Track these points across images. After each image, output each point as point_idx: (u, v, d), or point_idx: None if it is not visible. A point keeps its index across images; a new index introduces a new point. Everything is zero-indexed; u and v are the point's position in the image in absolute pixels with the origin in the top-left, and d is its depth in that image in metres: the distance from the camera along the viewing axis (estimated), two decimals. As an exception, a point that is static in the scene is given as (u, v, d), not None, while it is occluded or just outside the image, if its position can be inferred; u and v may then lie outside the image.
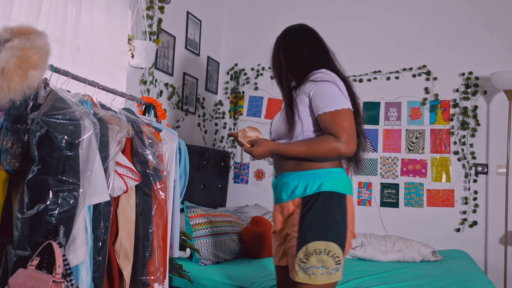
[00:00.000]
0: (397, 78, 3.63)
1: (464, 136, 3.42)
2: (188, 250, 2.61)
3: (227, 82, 4.08)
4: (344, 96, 1.54)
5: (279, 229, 1.64)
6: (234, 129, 4.00)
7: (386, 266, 2.68)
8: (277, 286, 1.77)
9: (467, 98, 3.44)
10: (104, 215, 1.45)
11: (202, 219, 2.68)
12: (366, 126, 3.64)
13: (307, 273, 1.46)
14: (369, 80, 3.69)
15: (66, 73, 1.61)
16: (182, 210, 2.57)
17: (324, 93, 1.52)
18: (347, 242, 1.52)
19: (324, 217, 1.49)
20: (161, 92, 3.15)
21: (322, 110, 1.50)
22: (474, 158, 3.40)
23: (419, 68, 3.58)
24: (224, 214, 2.88)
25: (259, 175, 3.90)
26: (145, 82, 2.94)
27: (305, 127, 1.57)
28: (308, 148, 1.50)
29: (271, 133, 1.76)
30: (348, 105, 1.52)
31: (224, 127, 4.02)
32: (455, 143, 3.45)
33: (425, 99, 3.54)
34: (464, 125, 3.41)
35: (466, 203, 3.39)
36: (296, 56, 1.67)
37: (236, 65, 4.05)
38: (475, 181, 3.38)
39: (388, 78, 3.65)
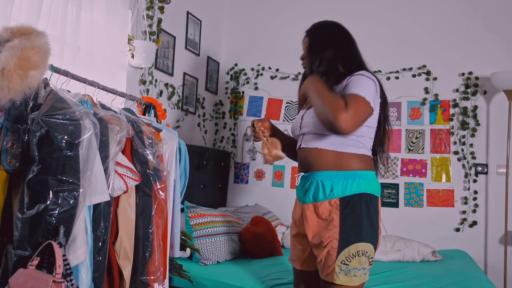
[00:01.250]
0: (397, 78, 3.63)
1: (464, 136, 3.42)
2: (188, 250, 2.62)
3: (227, 82, 4.08)
4: (375, 95, 1.53)
5: (313, 232, 1.56)
6: (234, 129, 4.00)
7: (386, 266, 2.69)
8: None
9: (467, 98, 3.44)
10: (104, 215, 1.45)
11: (202, 219, 2.68)
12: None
13: (348, 275, 1.45)
14: (369, 80, 3.69)
15: (66, 73, 1.61)
16: (182, 210, 2.57)
17: (359, 82, 1.52)
18: (378, 243, 1.55)
19: (365, 219, 1.49)
20: (161, 92, 3.15)
21: (349, 91, 1.49)
22: (474, 158, 3.40)
23: (419, 68, 3.58)
24: (224, 214, 2.88)
25: (259, 175, 3.90)
26: (145, 82, 2.94)
27: None
28: (325, 94, 1.48)
29: (301, 127, 1.68)
30: (372, 103, 1.50)
31: (224, 127, 4.02)
32: (455, 143, 3.45)
33: (425, 99, 3.54)
34: (464, 125, 3.41)
35: (466, 203, 3.39)
36: (352, 53, 1.70)
37: (236, 65, 4.06)
38: (475, 181, 3.38)
39: (388, 78, 3.65)
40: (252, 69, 4.00)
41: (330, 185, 1.53)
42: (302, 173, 1.64)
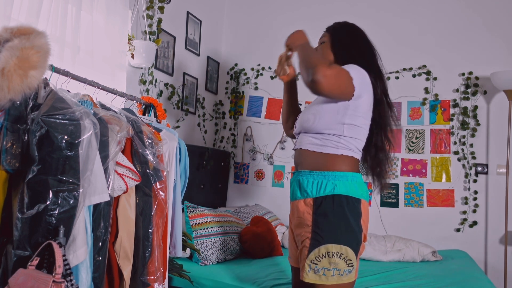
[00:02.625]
0: (397, 78, 3.63)
1: (464, 136, 3.42)
2: (188, 250, 2.62)
3: (227, 82, 4.08)
4: (362, 81, 1.53)
5: (295, 230, 1.60)
6: (234, 129, 4.00)
7: (386, 266, 2.68)
8: (292, 287, 1.75)
9: (467, 98, 3.44)
10: (104, 215, 1.45)
11: (202, 219, 2.68)
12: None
13: (317, 274, 1.46)
14: (369, 80, 3.69)
15: (66, 73, 1.61)
16: (182, 210, 2.57)
17: (348, 66, 1.55)
18: (362, 245, 1.53)
19: (338, 221, 1.48)
20: (161, 92, 3.15)
21: None
22: (474, 158, 3.39)
23: (419, 68, 3.58)
24: (224, 214, 2.88)
25: (259, 175, 3.90)
26: (145, 82, 2.94)
27: (334, 118, 1.54)
28: (313, 49, 1.57)
29: (296, 125, 1.72)
30: (355, 81, 1.50)
31: (224, 127, 4.02)
32: (455, 143, 3.45)
33: (425, 99, 3.54)
34: (464, 125, 3.40)
35: (466, 203, 3.39)
36: (367, 53, 1.73)
37: (236, 65, 4.06)
38: (475, 181, 3.38)
39: (388, 78, 3.65)
40: (252, 69, 4.00)
41: (306, 185, 1.55)
42: (295, 170, 1.68)
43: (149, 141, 1.69)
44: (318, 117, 1.56)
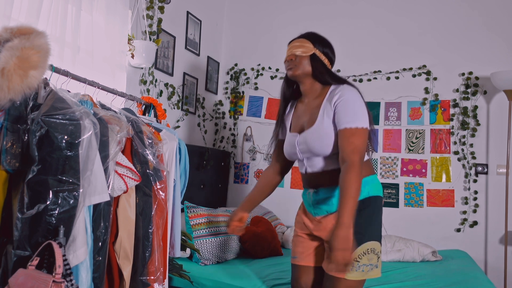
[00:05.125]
0: (397, 78, 3.63)
1: (464, 136, 3.42)
2: (188, 250, 2.62)
3: (227, 82, 4.08)
4: (366, 109, 1.62)
5: (330, 234, 1.52)
6: (234, 129, 4.00)
7: (386, 266, 2.68)
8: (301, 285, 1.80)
9: (467, 98, 3.44)
10: (104, 215, 1.45)
11: (202, 219, 2.68)
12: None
13: (358, 271, 1.57)
14: (369, 80, 3.69)
15: (66, 73, 1.61)
16: (182, 210, 2.57)
17: (351, 107, 1.59)
18: None
19: (374, 219, 1.63)
20: (161, 92, 3.15)
21: (346, 125, 1.57)
22: (474, 158, 3.39)
23: (419, 68, 3.58)
24: (224, 214, 2.88)
25: (259, 175, 3.90)
26: (145, 82, 2.94)
27: (335, 141, 1.62)
28: (354, 198, 1.48)
29: (299, 153, 1.72)
30: (367, 125, 1.59)
31: (224, 127, 4.02)
32: (455, 143, 3.45)
33: (425, 99, 3.54)
34: (464, 125, 3.40)
35: (466, 203, 3.39)
36: (329, 71, 1.73)
37: (236, 65, 4.06)
38: (475, 181, 3.38)
39: (388, 78, 3.65)
40: (252, 69, 4.00)
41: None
42: (313, 189, 1.71)
43: (149, 141, 1.69)
44: (330, 144, 1.62)
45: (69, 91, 1.50)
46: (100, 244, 1.43)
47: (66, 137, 1.25)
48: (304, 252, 1.77)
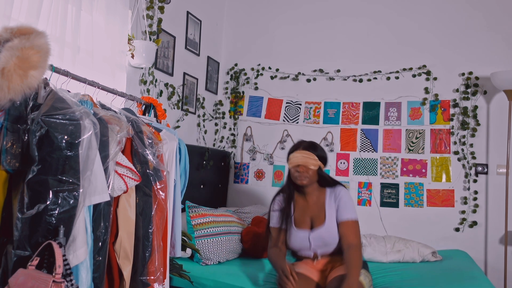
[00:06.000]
0: (397, 78, 3.63)
1: (464, 136, 3.42)
2: (188, 250, 2.61)
3: (227, 82, 4.08)
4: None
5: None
6: (234, 129, 4.00)
7: (386, 267, 2.68)
8: None
9: (467, 98, 3.44)
10: (104, 215, 1.45)
11: (203, 219, 2.68)
12: (366, 126, 3.66)
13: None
14: (369, 80, 3.69)
15: (66, 73, 1.61)
16: (182, 210, 2.57)
17: (350, 204, 2.11)
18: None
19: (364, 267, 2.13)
20: (161, 92, 3.15)
21: (348, 216, 2.08)
22: (474, 158, 3.40)
23: (419, 68, 3.58)
24: (225, 214, 2.88)
25: (259, 175, 3.90)
26: (145, 82, 2.94)
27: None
28: (359, 268, 1.95)
29: (311, 248, 2.15)
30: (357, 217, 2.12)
31: (224, 127, 4.02)
32: (455, 143, 3.45)
33: (425, 99, 3.54)
34: (464, 125, 3.41)
35: (466, 203, 3.39)
36: (328, 176, 2.22)
37: (236, 65, 4.06)
38: (475, 181, 3.38)
39: (388, 78, 3.65)
40: (252, 69, 4.00)
41: None
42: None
43: (149, 141, 1.68)
44: (337, 235, 2.10)
45: (69, 91, 1.49)
46: (100, 244, 1.43)
47: (66, 137, 1.25)
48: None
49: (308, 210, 2.15)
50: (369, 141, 3.65)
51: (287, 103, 3.89)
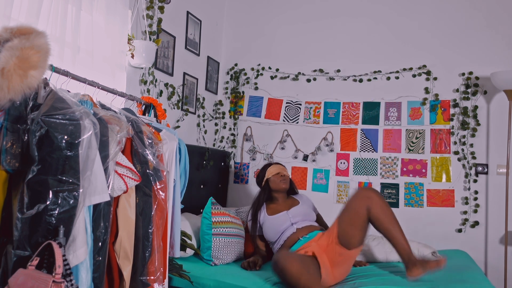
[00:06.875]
0: (397, 78, 3.63)
1: (464, 136, 3.42)
2: (188, 250, 2.61)
3: (227, 82, 4.08)
4: None
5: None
6: (234, 129, 4.00)
7: (386, 267, 2.68)
8: None
9: (467, 98, 3.44)
10: (104, 215, 1.45)
11: (223, 217, 2.72)
12: (366, 126, 3.66)
13: None
14: (369, 80, 3.69)
15: (66, 73, 1.61)
16: (182, 210, 2.57)
17: (309, 201, 2.92)
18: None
19: None
20: (161, 92, 3.15)
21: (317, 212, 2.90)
22: (474, 158, 3.39)
23: (419, 68, 3.58)
24: (238, 218, 2.94)
25: (259, 175, 3.90)
26: (145, 82, 2.94)
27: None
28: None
29: (291, 221, 2.61)
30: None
31: (224, 127, 4.02)
32: (455, 143, 3.45)
33: (425, 99, 3.54)
34: (464, 125, 3.40)
35: (466, 203, 3.39)
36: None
37: (236, 65, 4.05)
38: (475, 181, 3.38)
39: (388, 78, 3.65)
40: (252, 69, 4.00)
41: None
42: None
43: (149, 141, 1.69)
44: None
45: (69, 91, 1.50)
46: (100, 244, 1.43)
47: (66, 137, 1.25)
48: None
49: (280, 206, 2.75)
50: (369, 141, 3.65)
51: (287, 103, 3.89)
